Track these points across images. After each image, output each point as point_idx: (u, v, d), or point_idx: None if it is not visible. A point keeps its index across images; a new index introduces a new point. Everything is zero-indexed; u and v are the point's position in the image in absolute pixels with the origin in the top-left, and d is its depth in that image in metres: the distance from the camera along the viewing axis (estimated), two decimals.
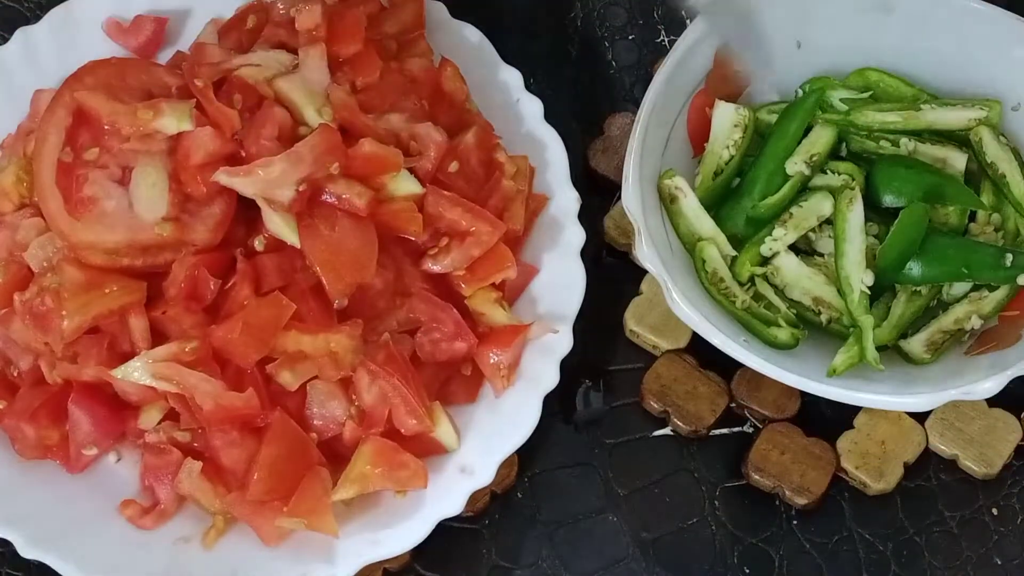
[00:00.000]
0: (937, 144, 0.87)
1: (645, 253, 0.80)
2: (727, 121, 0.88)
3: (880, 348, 0.82)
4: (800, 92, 0.91)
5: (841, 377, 0.80)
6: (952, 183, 0.84)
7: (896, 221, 0.83)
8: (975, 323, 0.83)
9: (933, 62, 0.90)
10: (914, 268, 0.83)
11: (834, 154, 0.87)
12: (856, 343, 0.81)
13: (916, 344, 0.83)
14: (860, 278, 0.82)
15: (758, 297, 0.84)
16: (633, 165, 0.83)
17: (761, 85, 0.91)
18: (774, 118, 0.89)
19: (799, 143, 0.87)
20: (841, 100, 0.89)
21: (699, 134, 0.89)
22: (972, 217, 0.86)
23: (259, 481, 0.77)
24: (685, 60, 0.87)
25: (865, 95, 0.89)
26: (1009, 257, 0.82)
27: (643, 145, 0.84)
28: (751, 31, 0.88)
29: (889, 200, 0.84)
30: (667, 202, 0.86)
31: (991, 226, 0.86)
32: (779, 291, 0.85)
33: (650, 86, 0.85)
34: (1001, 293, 0.84)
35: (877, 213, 0.85)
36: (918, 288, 0.84)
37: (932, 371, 0.82)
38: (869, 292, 0.82)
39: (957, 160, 0.86)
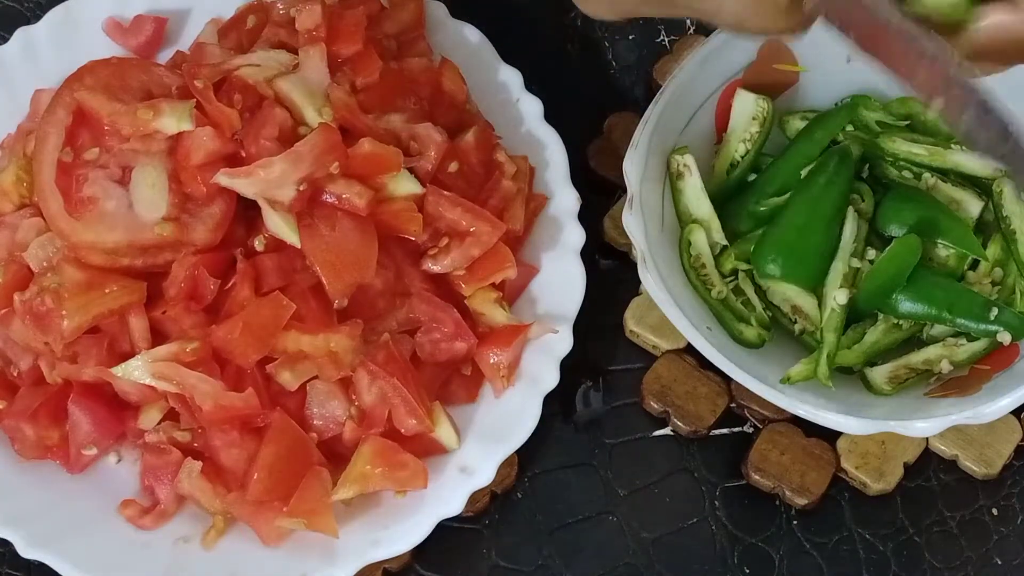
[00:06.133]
0: (958, 187, 0.85)
1: (630, 218, 0.81)
2: (746, 112, 0.88)
3: (846, 371, 0.82)
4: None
5: (794, 387, 0.80)
6: (957, 225, 0.83)
7: (888, 248, 0.82)
8: (944, 368, 0.82)
9: None
10: (899, 300, 0.81)
11: (856, 174, 0.86)
12: (818, 358, 0.81)
13: (879, 374, 0.82)
14: (835, 295, 0.82)
15: (737, 292, 0.84)
16: (645, 133, 0.83)
17: (803, 92, 0.90)
18: (805, 124, 0.88)
19: (822, 153, 0.86)
20: (877, 122, 0.88)
21: (725, 123, 0.89)
22: (975, 267, 0.85)
23: (259, 481, 0.77)
24: (725, 46, 0.86)
25: (902, 123, 0.89)
26: (995, 311, 0.81)
27: (661, 117, 0.84)
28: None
29: (893, 229, 0.84)
30: (673, 178, 0.86)
31: (989, 279, 0.84)
32: (760, 291, 0.85)
33: (682, 63, 0.85)
34: (979, 345, 0.82)
35: (882, 241, 0.84)
36: (899, 322, 0.83)
37: (887, 403, 0.81)
38: (842, 311, 0.81)
39: (972, 206, 0.85)
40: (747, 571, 0.83)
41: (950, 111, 0.61)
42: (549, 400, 0.82)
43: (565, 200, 0.88)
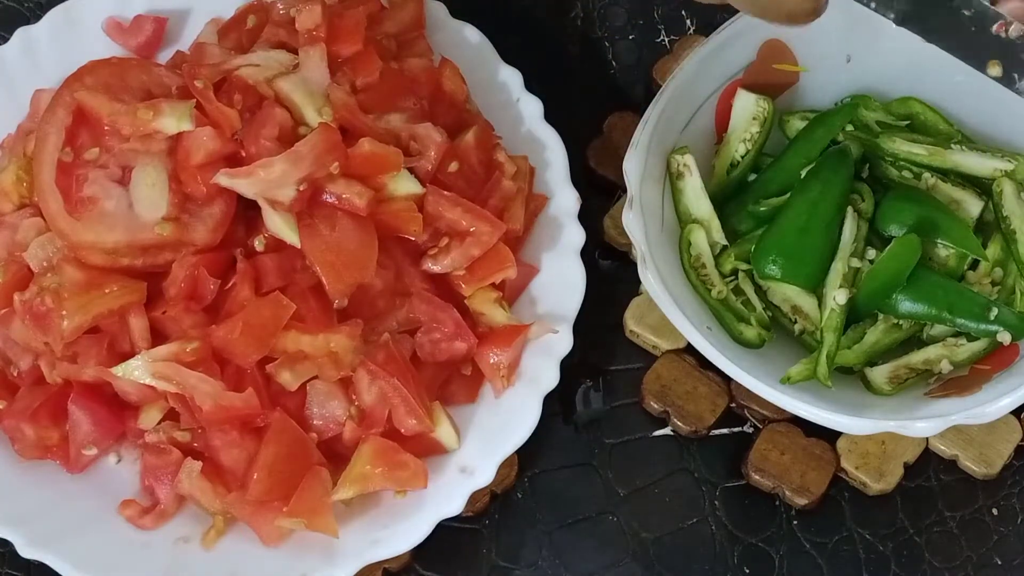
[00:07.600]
0: (958, 187, 0.85)
1: (630, 218, 0.81)
2: (746, 112, 0.88)
3: (846, 371, 0.82)
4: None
5: (794, 387, 0.79)
6: (957, 225, 0.83)
7: (887, 248, 0.82)
8: (944, 368, 0.82)
9: (976, 102, 0.87)
10: (899, 300, 0.81)
11: (855, 174, 0.86)
12: (818, 358, 0.81)
13: (879, 374, 0.82)
14: (835, 295, 0.82)
15: (737, 292, 0.84)
16: (645, 133, 0.83)
17: (803, 92, 0.90)
18: (805, 124, 0.88)
19: (822, 153, 0.86)
20: (877, 122, 0.88)
21: (725, 123, 0.89)
22: (975, 267, 0.85)
23: (259, 481, 0.77)
24: (725, 46, 0.86)
25: (902, 123, 0.88)
26: (995, 311, 0.80)
27: (661, 117, 0.84)
28: (801, 34, 0.85)
29: (893, 229, 0.83)
30: (674, 178, 0.86)
31: (990, 279, 0.84)
32: (760, 291, 0.85)
33: (683, 63, 0.85)
34: (979, 345, 0.82)
35: (882, 241, 0.84)
36: (899, 321, 0.83)
37: (888, 403, 0.81)
38: (842, 311, 0.81)
39: (972, 206, 0.85)
40: (747, 571, 0.83)
41: (1010, 74, 0.60)
42: (549, 400, 0.82)
43: (565, 200, 0.88)
